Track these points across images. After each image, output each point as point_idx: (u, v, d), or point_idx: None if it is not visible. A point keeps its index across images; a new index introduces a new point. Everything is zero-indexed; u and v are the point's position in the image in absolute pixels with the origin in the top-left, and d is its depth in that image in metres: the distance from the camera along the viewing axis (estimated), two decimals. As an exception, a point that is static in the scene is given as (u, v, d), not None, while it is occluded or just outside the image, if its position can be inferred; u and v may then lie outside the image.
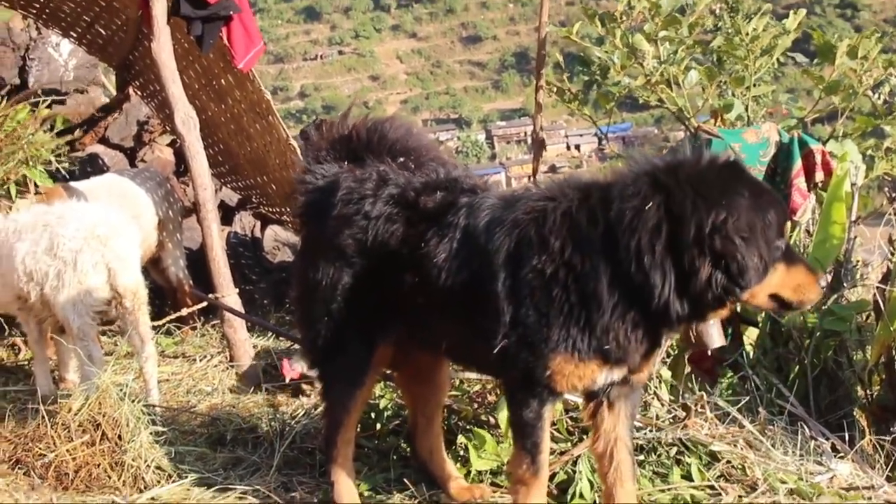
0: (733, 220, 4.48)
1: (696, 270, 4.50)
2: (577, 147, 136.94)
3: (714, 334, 6.08)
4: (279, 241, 12.43)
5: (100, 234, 7.50)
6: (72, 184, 9.77)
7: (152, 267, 10.24)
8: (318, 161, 5.71)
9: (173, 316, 9.61)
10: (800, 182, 7.58)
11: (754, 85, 8.87)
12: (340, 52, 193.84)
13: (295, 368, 7.95)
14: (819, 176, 7.65)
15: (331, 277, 5.42)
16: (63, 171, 10.20)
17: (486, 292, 4.88)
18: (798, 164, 7.62)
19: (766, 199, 4.63)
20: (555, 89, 10.13)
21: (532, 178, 10.07)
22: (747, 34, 8.72)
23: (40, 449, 6.51)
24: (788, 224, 4.73)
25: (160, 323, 9.20)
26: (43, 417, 6.56)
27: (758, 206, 4.56)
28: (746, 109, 8.89)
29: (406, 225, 5.25)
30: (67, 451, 6.38)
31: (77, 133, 12.03)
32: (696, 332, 5.90)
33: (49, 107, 10.77)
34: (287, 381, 7.99)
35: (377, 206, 5.31)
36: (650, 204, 4.57)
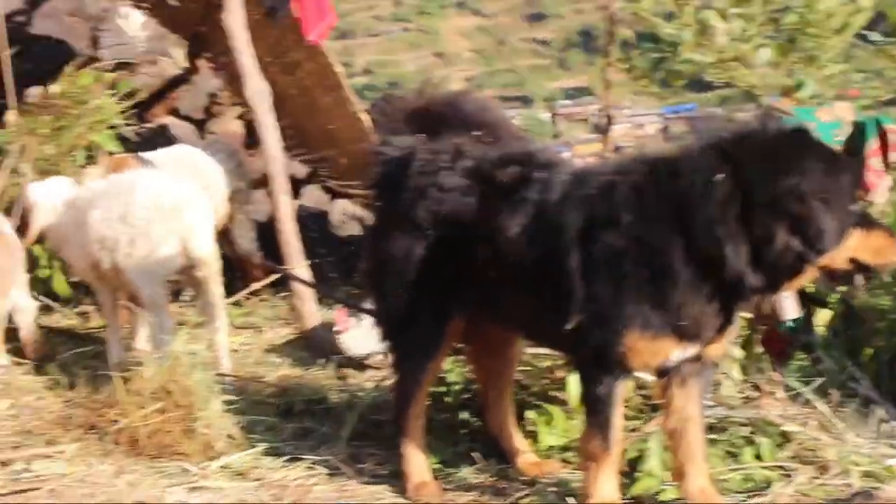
0: (808, 183, 4.45)
1: (771, 238, 4.48)
2: (642, 127, 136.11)
3: (788, 306, 6.01)
4: (347, 214, 12.47)
5: (173, 204, 7.55)
6: (143, 154, 9.85)
7: (221, 238, 10.30)
8: (393, 133, 5.72)
9: (246, 290, 9.67)
10: (875, 162, 7.48)
11: (827, 64, 8.74)
12: (405, 29, 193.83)
13: (347, 323, 7.96)
14: (893, 156, 7.54)
15: (404, 249, 5.44)
16: (133, 138, 10.29)
17: (558, 269, 4.88)
18: (872, 143, 7.51)
19: (838, 163, 4.60)
20: (625, 67, 10.06)
21: (603, 155, 10.03)
22: (821, 11, 8.61)
23: (113, 415, 6.59)
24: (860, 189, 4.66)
25: (234, 299, 9.26)
26: (116, 384, 6.63)
27: (831, 169, 4.52)
28: (819, 88, 8.78)
29: (480, 198, 5.26)
30: (140, 417, 6.45)
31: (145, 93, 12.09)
32: (769, 303, 5.82)
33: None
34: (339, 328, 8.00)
35: (452, 179, 5.32)
36: (720, 175, 4.55)
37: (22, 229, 8.37)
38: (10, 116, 10.01)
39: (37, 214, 8.22)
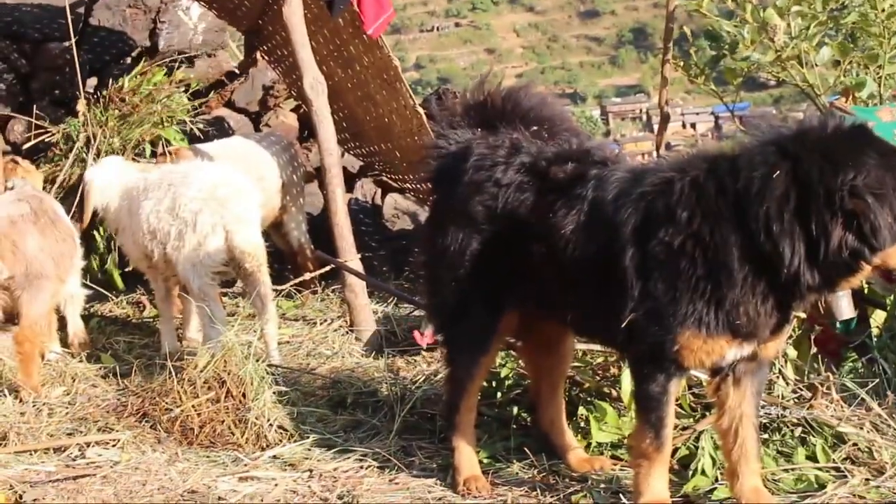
0: (863, 179, 4.41)
1: (826, 234, 4.45)
2: (693, 126, 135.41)
3: (843, 306, 5.97)
4: (399, 209, 12.47)
5: (219, 196, 7.62)
6: (198, 146, 9.92)
7: (274, 231, 10.36)
8: (451, 126, 5.74)
9: (297, 280, 9.72)
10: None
11: (889, 62, 8.67)
12: (457, 25, 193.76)
13: (427, 334, 7.99)
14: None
15: (459, 243, 5.45)
16: (198, 132, 10.37)
17: (613, 266, 4.88)
18: (933, 144, 7.43)
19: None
20: (681, 63, 10.01)
21: (656, 153, 9.99)
22: (882, 10, 8.53)
23: (167, 404, 6.66)
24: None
25: (283, 288, 9.31)
26: (169, 373, 6.71)
27: (888, 165, 4.48)
28: (879, 87, 8.70)
29: (536, 194, 5.26)
30: (193, 406, 6.53)
31: (211, 95, 12.21)
32: (825, 303, 5.77)
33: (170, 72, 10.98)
34: (424, 346, 8.03)
35: (508, 174, 5.33)
36: (778, 172, 4.53)
37: (80, 217, 8.47)
38: (81, 106, 10.12)
39: (89, 196, 8.31)
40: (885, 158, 4.50)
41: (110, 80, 10.69)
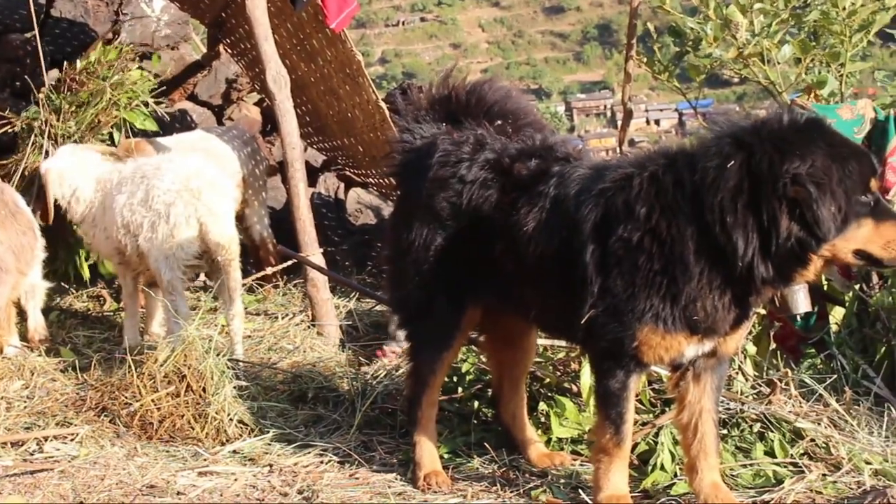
0: (807, 168, 4.44)
1: (775, 225, 4.47)
2: (657, 122, 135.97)
3: (800, 300, 6.00)
4: (362, 203, 12.47)
5: (193, 188, 7.58)
6: (158, 139, 9.86)
7: (236, 225, 10.32)
8: (416, 121, 5.74)
9: (259, 274, 9.69)
10: (894, 160, 7.45)
11: (850, 60, 8.72)
12: (422, 19, 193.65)
13: (388, 351, 7.99)
14: (915, 155, 7.51)
15: (424, 238, 5.46)
16: (162, 113, 10.29)
17: (574, 262, 4.89)
18: (893, 142, 7.46)
19: (847, 151, 4.57)
20: (644, 60, 10.03)
21: (619, 148, 10.02)
22: (844, 8, 8.57)
23: (126, 398, 6.64)
24: (876, 180, 4.58)
25: (245, 282, 9.28)
26: (130, 367, 6.67)
27: (836, 155, 4.50)
28: (841, 85, 8.75)
29: (500, 191, 5.28)
30: (152, 401, 6.51)
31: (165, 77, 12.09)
32: (781, 297, 5.80)
33: (145, 57, 10.89)
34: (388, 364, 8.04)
35: (473, 171, 5.34)
36: (732, 162, 4.56)
37: (42, 212, 8.38)
38: (42, 95, 10.02)
39: (48, 188, 8.23)
40: (834, 150, 4.52)
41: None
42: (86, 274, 9.98)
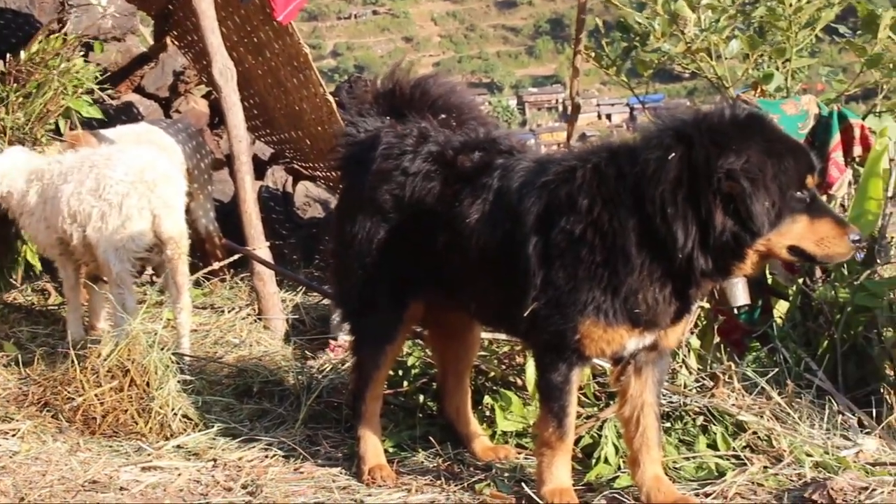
0: (742, 163, 4.46)
1: (711, 219, 4.49)
2: (609, 117, 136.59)
3: (738, 292, 6.04)
4: (310, 196, 12.44)
5: (148, 179, 7.51)
6: (101, 131, 9.78)
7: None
8: (361, 115, 5.73)
9: (207, 269, 9.63)
10: (837, 156, 7.51)
11: (796, 56, 8.78)
12: (375, 13, 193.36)
13: (338, 345, 7.97)
14: (857, 150, 7.57)
15: (367, 232, 5.45)
16: (109, 100, 10.20)
17: (517, 255, 4.90)
18: (836, 137, 7.54)
19: (784, 147, 4.59)
20: (592, 54, 10.05)
21: (566, 143, 10.03)
22: (790, 5, 8.63)
23: (69, 393, 6.58)
24: (814, 178, 4.61)
25: (194, 277, 9.22)
26: (72, 362, 6.62)
27: (772, 151, 4.53)
28: (786, 81, 8.81)
29: (443, 183, 5.27)
30: (95, 395, 6.45)
31: (111, 68, 11.98)
32: (720, 289, 5.83)
33: (90, 47, 10.78)
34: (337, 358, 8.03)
35: (416, 163, 5.33)
36: (672, 154, 4.57)
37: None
38: None
39: None
40: (771, 145, 4.55)
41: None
42: (37, 265, 9.86)
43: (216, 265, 9.79)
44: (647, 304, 4.68)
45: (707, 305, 6.78)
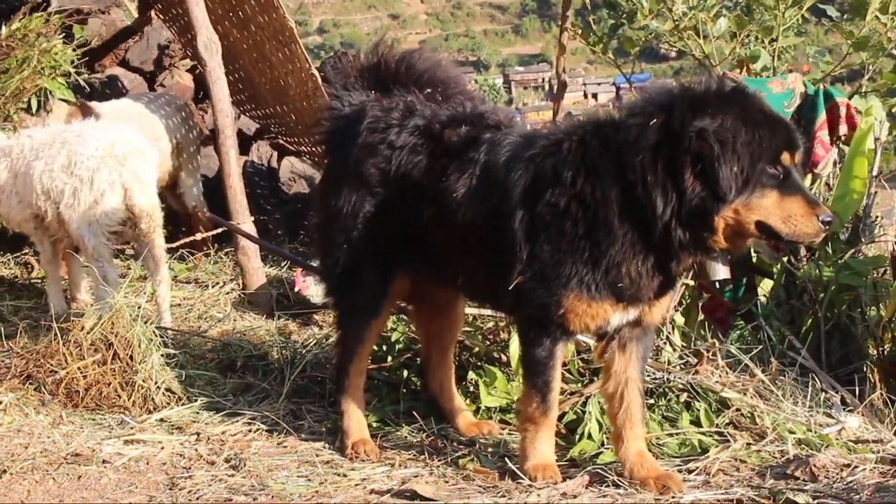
0: (715, 125, 4.46)
1: (681, 180, 4.49)
2: (595, 96, 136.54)
3: (718, 267, 6.04)
4: (295, 172, 12.38)
5: (118, 154, 7.48)
6: (91, 103, 9.73)
7: (168, 192, 10.22)
8: (346, 88, 5.71)
9: (187, 240, 9.59)
10: (823, 135, 7.52)
11: (783, 35, 8.79)
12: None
13: (306, 282, 7.97)
14: (843, 129, 7.59)
15: (352, 206, 5.43)
16: (84, 84, 10.16)
17: (503, 229, 4.89)
18: (822, 116, 7.55)
19: (762, 118, 4.59)
20: (579, 31, 10.04)
21: (553, 120, 10.02)
22: (779, -16, 8.63)
23: (52, 365, 6.54)
24: (792, 156, 4.58)
25: (173, 246, 9.20)
26: (55, 335, 6.57)
27: (749, 120, 4.53)
28: (772, 61, 8.82)
29: (429, 157, 5.26)
30: (78, 368, 6.42)
31: (96, 42, 11.91)
32: (700, 264, 5.82)
33: (69, 27, 10.72)
34: (296, 290, 8.02)
35: (402, 137, 5.32)
36: (653, 121, 4.58)
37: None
38: None
39: None
40: (749, 115, 4.55)
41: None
42: None
43: (199, 237, 9.75)
44: (629, 277, 4.69)
45: (692, 283, 6.79)
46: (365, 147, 5.40)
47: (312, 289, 8.13)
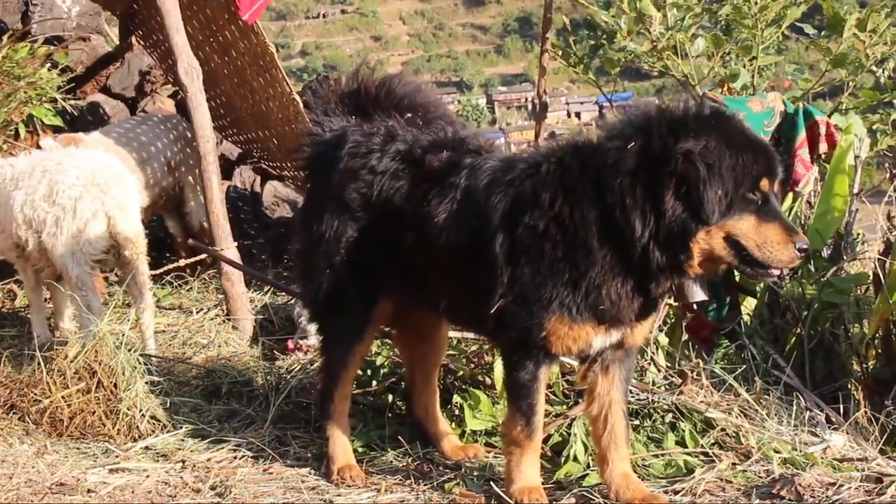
0: (700, 147, 4.47)
1: (662, 202, 4.50)
2: (578, 115, 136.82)
3: (695, 289, 6.06)
4: (278, 196, 12.38)
5: (100, 182, 7.47)
6: (78, 134, 9.72)
7: (172, 214, 10.29)
8: (326, 114, 5.72)
9: (163, 270, 9.57)
10: (803, 153, 7.55)
11: (761, 55, 8.83)
12: (343, 12, 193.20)
13: (300, 345, 7.95)
14: (823, 147, 7.61)
15: (334, 231, 5.43)
16: (70, 109, 10.16)
17: (484, 253, 4.90)
18: (802, 134, 7.57)
19: (745, 144, 4.60)
20: (560, 53, 10.07)
21: (534, 142, 10.03)
22: (756, 3, 8.67)
23: (35, 395, 6.54)
24: (771, 183, 4.60)
25: (158, 272, 9.19)
26: (39, 364, 6.57)
27: (733, 144, 4.54)
28: (752, 79, 8.85)
29: (411, 182, 5.27)
30: (63, 397, 6.41)
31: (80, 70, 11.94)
32: (678, 285, 5.84)
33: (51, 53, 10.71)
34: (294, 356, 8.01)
35: (383, 162, 5.33)
36: (632, 144, 4.59)
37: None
38: None
39: None
40: (731, 138, 4.56)
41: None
42: None
43: (181, 262, 9.75)
44: (610, 299, 4.69)
45: (676, 303, 6.80)
46: (346, 172, 5.41)
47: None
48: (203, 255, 9.59)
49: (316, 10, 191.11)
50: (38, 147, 8.62)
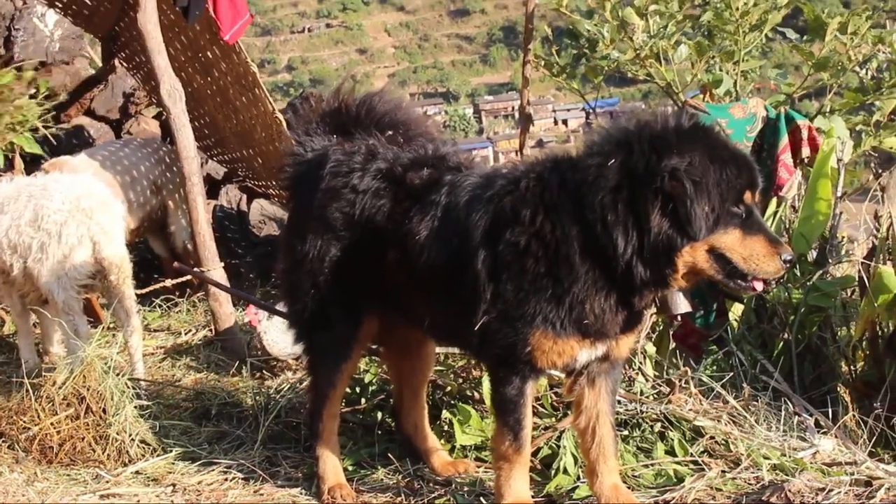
0: (685, 164, 4.47)
1: (648, 219, 4.50)
2: (565, 122, 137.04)
3: (679, 300, 6.05)
4: (265, 214, 12.39)
5: (85, 207, 7.47)
6: (63, 158, 9.72)
7: (156, 236, 10.29)
8: (307, 134, 5.73)
9: (146, 290, 9.55)
10: (786, 158, 7.57)
11: (744, 60, 8.86)
12: (328, 25, 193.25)
13: (257, 314, 7.95)
14: (805, 152, 7.64)
15: (318, 250, 5.42)
16: (51, 138, 10.16)
17: (466, 270, 4.89)
18: (784, 139, 7.60)
19: (728, 157, 4.59)
20: (542, 63, 10.10)
21: (519, 152, 10.05)
22: (737, 9, 8.70)
23: (24, 422, 6.51)
24: (753, 195, 4.61)
25: (144, 292, 9.17)
26: (27, 390, 6.55)
27: (716, 159, 4.54)
28: (735, 84, 8.88)
29: (392, 200, 5.26)
30: (52, 424, 6.38)
31: (63, 97, 11.95)
32: (661, 297, 5.85)
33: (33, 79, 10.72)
34: (247, 320, 8.00)
35: (365, 180, 5.32)
36: (613, 161, 4.59)
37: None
38: None
39: None
40: (715, 152, 4.56)
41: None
42: None
43: (167, 282, 9.75)
44: (593, 313, 4.68)
45: (659, 316, 6.81)
46: (328, 191, 5.41)
47: (272, 334, 8.07)
48: (188, 276, 9.58)
49: (301, 25, 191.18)
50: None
